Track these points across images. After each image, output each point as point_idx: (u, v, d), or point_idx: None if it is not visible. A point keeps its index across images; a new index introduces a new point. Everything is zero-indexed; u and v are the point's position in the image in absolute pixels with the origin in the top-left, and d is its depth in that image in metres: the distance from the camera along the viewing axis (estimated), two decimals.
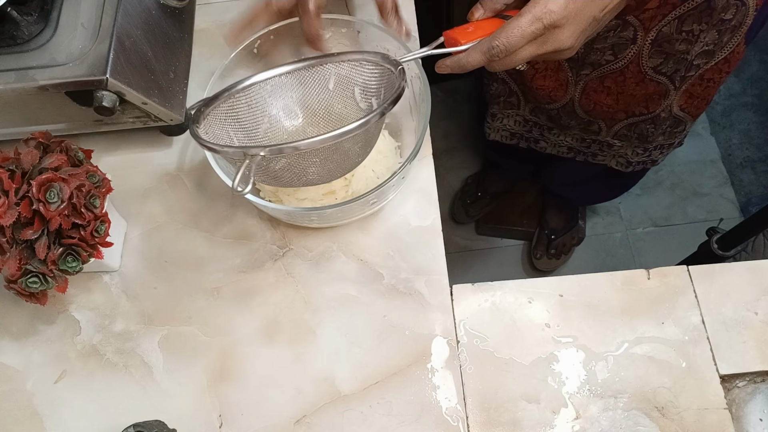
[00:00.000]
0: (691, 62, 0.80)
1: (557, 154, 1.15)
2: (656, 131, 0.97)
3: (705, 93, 0.88)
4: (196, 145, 0.71)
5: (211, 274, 0.65)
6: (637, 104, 0.90)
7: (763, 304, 0.61)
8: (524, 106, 1.04)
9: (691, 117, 0.94)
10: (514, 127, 1.12)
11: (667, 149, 1.05)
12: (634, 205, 1.63)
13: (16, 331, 0.64)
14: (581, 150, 1.11)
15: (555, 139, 1.10)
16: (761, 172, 1.66)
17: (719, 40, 0.77)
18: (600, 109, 0.92)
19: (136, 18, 0.61)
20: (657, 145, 1.03)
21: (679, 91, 0.87)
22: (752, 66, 1.78)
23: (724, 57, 0.80)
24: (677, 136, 1.01)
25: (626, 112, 0.93)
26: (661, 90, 0.86)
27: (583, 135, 1.05)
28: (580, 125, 1.00)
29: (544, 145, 1.14)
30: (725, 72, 0.83)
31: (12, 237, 0.54)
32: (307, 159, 0.52)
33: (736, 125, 1.72)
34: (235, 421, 0.59)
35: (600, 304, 0.62)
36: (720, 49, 0.79)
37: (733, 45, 0.78)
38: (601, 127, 0.99)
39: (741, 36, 0.77)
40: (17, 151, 0.56)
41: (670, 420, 0.57)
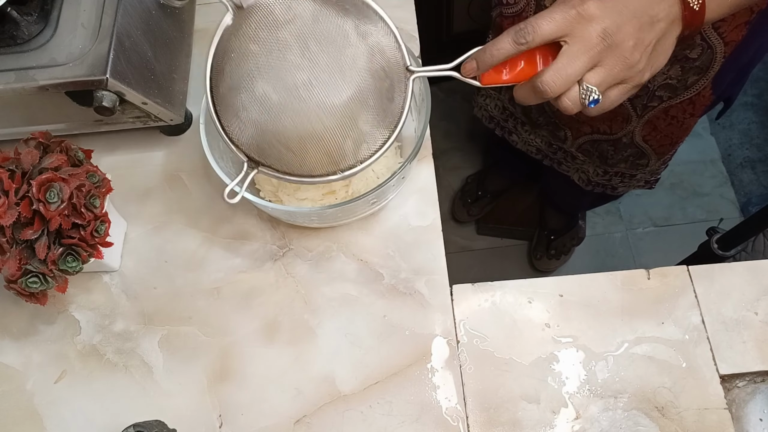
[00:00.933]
0: (654, 92, 0.80)
1: (527, 152, 1.15)
2: (616, 155, 0.97)
3: (669, 131, 0.87)
4: (196, 144, 0.71)
5: (211, 274, 0.65)
6: (601, 121, 0.90)
7: (763, 304, 0.61)
8: (505, 92, 1.05)
9: (655, 153, 0.94)
10: (494, 111, 1.13)
11: (629, 181, 1.06)
12: (634, 205, 1.63)
13: (16, 331, 0.64)
14: (548, 155, 1.12)
15: (526, 136, 1.11)
16: (761, 172, 1.66)
17: (683, 77, 0.77)
18: (567, 116, 0.93)
19: (136, 18, 0.61)
20: (618, 172, 1.04)
21: (642, 120, 0.87)
22: None
23: (689, 97, 0.80)
24: (639, 170, 1.00)
25: (591, 126, 0.93)
26: (623, 112, 0.86)
27: (550, 139, 1.05)
28: (548, 125, 1.01)
29: (515, 139, 1.15)
30: (689, 114, 0.83)
31: (12, 237, 0.54)
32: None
33: (736, 125, 1.72)
34: (235, 421, 0.59)
35: (600, 304, 0.62)
36: (684, 88, 0.78)
37: (698, 88, 0.78)
38: (567, 135, 0.99)
39: (707, 81, 0.76)
40: (17, 151, 0.56)
41: (670, 420, 0.57)
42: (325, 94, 0.50)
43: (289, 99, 0.50)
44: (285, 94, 0.50)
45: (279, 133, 0.51)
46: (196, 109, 0.64)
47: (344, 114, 0.50)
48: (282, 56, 0.49)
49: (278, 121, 0.50)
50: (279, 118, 0.50)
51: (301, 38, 0.49)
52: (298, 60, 0.49)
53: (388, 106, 0.52)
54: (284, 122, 0.50)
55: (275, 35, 0.49)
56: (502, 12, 0.86)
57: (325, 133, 0.51)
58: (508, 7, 0.84)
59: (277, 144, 0.51)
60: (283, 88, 0.50)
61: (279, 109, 0.50)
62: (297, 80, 0.49)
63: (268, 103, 0.50)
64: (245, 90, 0.50)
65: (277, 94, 0.50)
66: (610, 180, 1.07)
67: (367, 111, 0.51)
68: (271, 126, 0.51)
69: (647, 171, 1.01)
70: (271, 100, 0.50)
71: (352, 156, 0.53)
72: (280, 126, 0.50)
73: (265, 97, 0.50)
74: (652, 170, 1.01)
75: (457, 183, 1.66)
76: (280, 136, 0.51)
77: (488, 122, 1.18)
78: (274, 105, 0.50)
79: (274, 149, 0.52)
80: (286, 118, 0.50)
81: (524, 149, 1.15)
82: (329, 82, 0.50)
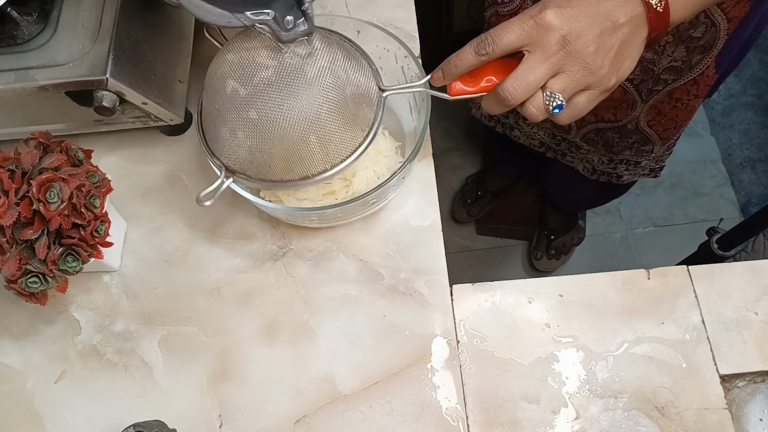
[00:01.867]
0: (659, 75, 0.80)
1: (530, 146, 1.15)
2: (621, 142, 0.97)
3: (674, 114, 0.87)
4: (196, 145, 0.71)
5: (211, 274, 0.65)
6: (606, 109, 0.90)
7: (763, 304, 0.61)
8: None
9: (660, 138, 0.94)
10: None
11: (633, 168, 1.06)
12: (634, 205, 1.63)
13: (16, 331, 0.64)
14: (551, 146, 1.11)
15: (528, 130, 1.11)
16: (761, 172, 1.66)
17: (687, 58, 0.76)
18: None
19: (136, 18, 0.61)
20: (623, 159, 1.03)
21: (647, 105, 0.87)
22: (752, 66, 1.78)
23: (692, 78, 0.80)
24: (644, 156, 1.00)
25: (595, 115, 0.93)
26: (628, 99, 0.86)
27: (554, 131, 1.05)
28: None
29: (518, 134, 1.14)
30: (694, 95, 0.83)
31: (12, 237, 0.54)
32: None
33: (736, 125, 1.72)
34: (235, 421, 0.59)
35: (600, 304, 0.62)
36: (689, 69, 0.78)
37: (702, 67, 0.78)
38: (571, 125, 0.99)
39: (711, 59, 0.76)
40: (17, 151, 0.56)
41: (670, 420, 0.57)
42: (299, 114, 0.52)
43: (267, 121, 0.52)
44: (264, 116, 0.52)
45: (260, 147, 0.54)
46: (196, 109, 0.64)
47: (319, 129, 0.53)
48: (261, 88, 0.52)
49: (259, 138, 0.53)
50: (260, 136, 0.53)
51: (278, 73, 0.52)
52: (276, 93, 0.52)
53: (361, 120, 0.55)
54: (264, 138, 0.53)
55: (255, 73, 0.52)
56: (497, 11, 0.86)
57: (303, 147, 0.53)
58: (502, 5, 0.84)
59: (258, 154, 0.54)
60: (262, 110, 0.52)
61: (258, 128, 0.53)
62: (274, 105, 0.52)
63: (249, 123, 0.53)
64: (229, 111, 0.54)
65: (257, 114, 0.52)
66: (616, 168, 1.07)
67: (341, 125, 0.54)
68: (253, 142, 0.54)
69: (652, 158, 1.01)
70: (252, 121, 0.53)
71: (326, 162, 0.55)
72: (261, 142, 0.53)
73: (246, 119, 0.53)
74: (657, 157, 1.01)
75: (457, 183, 1.66)
76: (260, 149, 0.54)
77: (488, 120, 1.18)
78: (255, 124, 0.53)
79: (256, 158, 0.55)
80: (267, 135, 0.53)
81: (527, 143, 1.15)
82: (302, 106, 0.52)
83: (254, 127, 0.52)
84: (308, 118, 0.52)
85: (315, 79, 0.52)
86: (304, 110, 0.51)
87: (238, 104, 0.52)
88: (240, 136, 0.53)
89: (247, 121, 0.52)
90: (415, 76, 0.63)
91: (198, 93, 0.60)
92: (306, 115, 0.51)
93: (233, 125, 0.53)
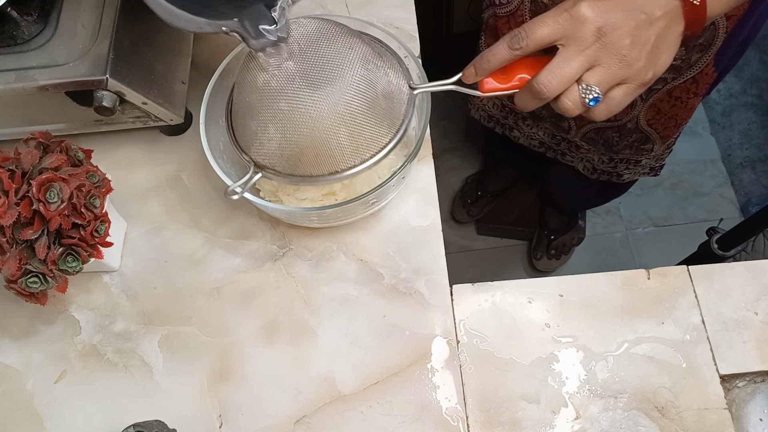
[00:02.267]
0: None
1: (530, 146, 1.15)
2: (621, 141, 0.97)
3: (673, 112, 0.87)
4: (196, 144, 0.71)
5: (211, 274, 0.65)
6: None
7: (763, 304, 0.61)
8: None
9: (660, 137, 0.94)
10: (492, 109, 1.13)
11: (634, 167, 1.06)
12: (634, 205, 1.63)
13: (16, 331, 0.64)
14: (551, 146, 1.12)
15: (528, 130, 1.11)
16: (761, 172, 1.66)
17: (687, 56, 0.76)
18: None
19: (136, 18, 0.61)
20: (623, 158, 1.03)
21: (646, 103, 0.87)
22: (752, 66, 1.78)
23: (692, 76, 0.80)
24: (644, 155, 1.00)
25: None
26: None
27: (554, 131, 1.05)
28: (551, 117, 1.00)
29: (517, 134, 1.14)
30: (693, 93, 0.83)
31: (12, 237, 0.54)
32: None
33: (736, 125, 1.72)
34: (235, 421, 0.59)
35: (600, 304, 0.62)
36: (688, 67, 0.78)
37: (701, 65, 0.78)
38: (571, 125, 0.99)
39: (710, 57, 0.76)
40: (17, 151, 0.56)
41: (670, 420, 0.57)
42: (331, 107, 0.51)
43: (297, 113, 0.52)
44: (294, 107, 0.52)
45: (290, 140, 0.53)
46: (196, 109, 0.64)
47: (350, 123, 0.52)
48: (292, 83, 0.51)
49: (290, 130, 0.53)
50: (291, 127, 0.52)
51: (310, 65, 0.52)
52: (307, 89, 0.51)
53: (391, 117, 0.55)
54: (295, 130, 0.53)
55: (286, 66, 0.51)
56: (495, 12, 0.86)
57: (332, 141, 0.53)
58: (501, 7, 0.84)
59: (287, 147, 0.53)
60: (294, 103, 0.52)
61: (289, 120, 0.52)
62: (305, 96, 0.51)
63: (280, 115, 0.52)
64: (260, 103, 0.53)
65: (288, 105, 0.52)
66: (616, 167, 1.07)
67: (371, 120, 0.53)
68: (283, 135, 0.53)
69: (652, 156, 1.01)
70: (282, 112, 0.52)
71: (355, 158, 0.55)
72: (292, 134, 0.53)
73: (277, 110, 0.52)
74: (657, 155, 1.01)
75: (457, 183, 1.66)
76: (290, 142, 0.53)
77: (487, 122, 1.18)
78: (285, 116, 0.52)
79: (285, 152, 0.54)
80: (297, 127, 0.52)
81: (527, 143, 1.15)
82: (334, 99, 0.51)
83: (285, 118, 0.52)
84: (340, 111, 0.51)
85: (348, 71, 0.51)
86: (336, 103, 0.51)
87: (270, 96, 0.52)
88: (270, 129, 0.53)
89: (277, 113, 0.52)
90: (415, 76, 0.63)
91: (198, 93, 0.60)
92: (337, 108, 0.51)
93: (263, 118, 0.53)
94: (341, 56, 0.52)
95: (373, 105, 0.53)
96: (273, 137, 0.53)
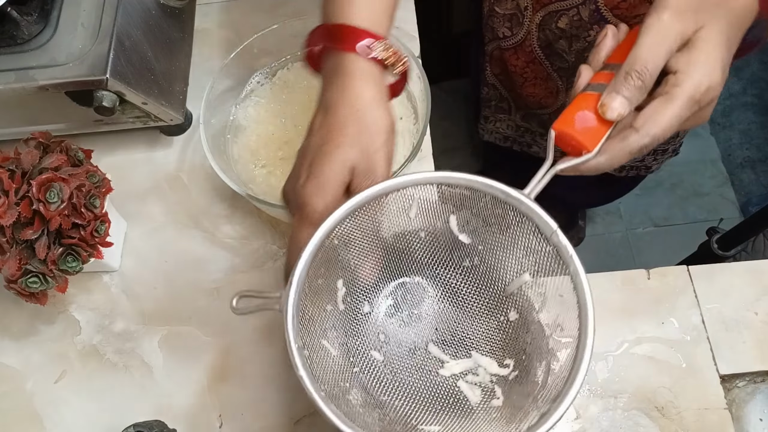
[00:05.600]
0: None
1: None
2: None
3: None
4: (196, 144, 0.71)
5: (211, 274, 0.65)
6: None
7: (763, 304, 0.61)
8: (515, 112, 1.04)
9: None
10: (507, 131, 1.12)
11: (661, 155, 1.05)
12: (634, 205, 1.63)
13: (16, 331, 0.64)
14: None
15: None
16: (761, 172, 1.66)
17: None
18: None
19: (136, 18, 0.61)
20: (650, 151, 1.03)
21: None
22: (752, 66, 1.78)
23: None
24: (671, 143, 1.00)
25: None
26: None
27: None
28: None
29: (537, 149, 1.14)
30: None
31: (12, 237, 0.54)
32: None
33: (736, 125, 1.72)
34: (235, 421, 0.59)
35: (600, 304, 0.62)
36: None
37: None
38: None
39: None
40: (17, 151, 0.56)
41: (670, 420, 0.57)
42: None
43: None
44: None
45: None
46: (196, 109, 0.64)
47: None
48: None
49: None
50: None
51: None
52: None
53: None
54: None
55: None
56: (499, 45, 0.86)
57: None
58: (505, 40, 0.84)
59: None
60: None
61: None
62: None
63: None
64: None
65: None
66: (644, 160, 1.06)
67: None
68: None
69: (677, 140, 1.01)
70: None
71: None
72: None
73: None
74: (681, 136, 1.00)
75: None
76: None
77: (503, 142, 1.16)
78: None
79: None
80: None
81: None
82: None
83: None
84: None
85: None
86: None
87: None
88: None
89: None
90: (415, 76, 0.63)
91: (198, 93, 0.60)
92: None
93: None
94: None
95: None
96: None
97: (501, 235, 0.47)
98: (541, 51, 0.82)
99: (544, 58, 0.83)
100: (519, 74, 0.88)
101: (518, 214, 0.45)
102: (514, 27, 0.82)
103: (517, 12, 0.80)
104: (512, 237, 0.46)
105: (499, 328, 0.48)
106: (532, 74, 0.88)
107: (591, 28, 0.75)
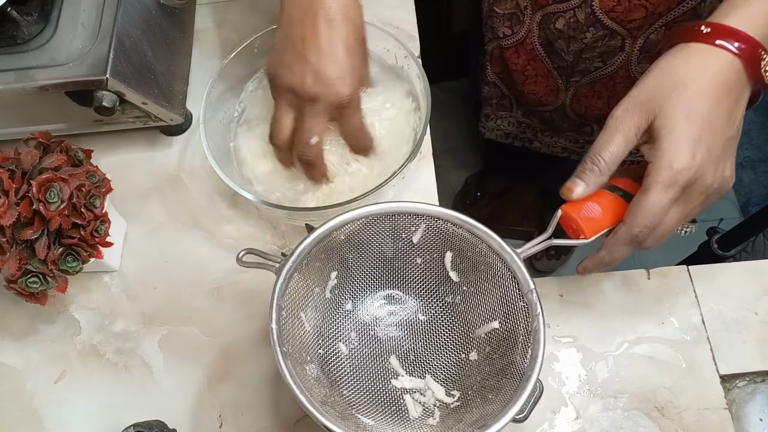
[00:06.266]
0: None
1: (552, 153, 1.15)
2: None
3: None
4: (196, 144, 0.71)
5: (211, 274, 0.65)
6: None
7: (763, 304, 0.61)
8: (516, 108, 1.04)
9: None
10: (508, 128, 1.12)
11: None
12: None
13: (16, 331, 0.64)
14: (575, 150, 1.11)
15: (549, 140, 1.10)
16: (761, 172, 1.66)
17: None
18: (592, 113, 0.92)
19: (136, 18, 0.61)
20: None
21: None
22: None
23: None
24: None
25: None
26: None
27: (576, 136, 1.05)
28: (572, 127, 1.00)
29: (538, 145, 1.14)
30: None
31: (12, 237, 0.54)
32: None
33: None
34: (235, 421, 0.59)
35: (600, 304, 0.62)
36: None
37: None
38: (594, 128, 0.99)
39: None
40: (17, 151, 0.56)
41: (670, 420, 0.57)
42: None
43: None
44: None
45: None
46: (196, 109, 0.64)
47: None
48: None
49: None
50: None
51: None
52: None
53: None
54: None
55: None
56: (500, 44, 0.86)
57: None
58: (505, 39, 0.84)
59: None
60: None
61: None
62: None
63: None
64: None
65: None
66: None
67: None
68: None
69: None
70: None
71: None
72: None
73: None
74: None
75: (457, 183, 1.66)
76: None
77: (504, 138, 1.16)
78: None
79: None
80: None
81: (548, 152, 1.15)
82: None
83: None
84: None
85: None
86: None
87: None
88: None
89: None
90: (415, 75, 0.63)
91: (198, 93, 0.60)
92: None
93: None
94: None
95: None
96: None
97: (485, 282, 0.51)
98: (542, 49, 0.82)
99: (545, 55, 0.83)
100: (520, 72, 0.88)
101: (506, 267, 0.49)
102: (514, 26, 0.82)
103: (517, 11, 0.80)
104: (494, 285, 0.50)
105: (457, 364, 0.53)
106: (533, 72, 0.88)
107: (587, 30, 0.75)
